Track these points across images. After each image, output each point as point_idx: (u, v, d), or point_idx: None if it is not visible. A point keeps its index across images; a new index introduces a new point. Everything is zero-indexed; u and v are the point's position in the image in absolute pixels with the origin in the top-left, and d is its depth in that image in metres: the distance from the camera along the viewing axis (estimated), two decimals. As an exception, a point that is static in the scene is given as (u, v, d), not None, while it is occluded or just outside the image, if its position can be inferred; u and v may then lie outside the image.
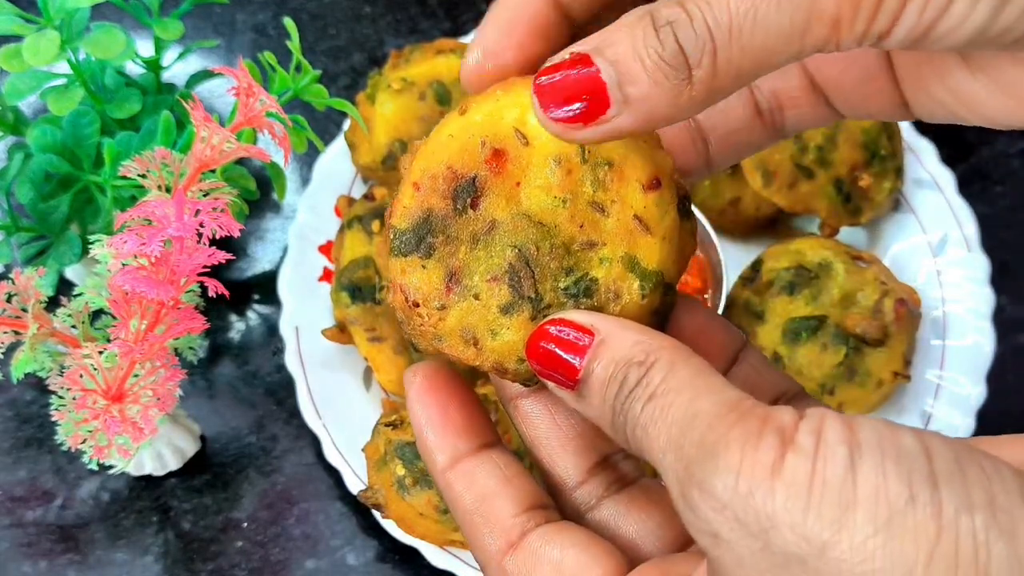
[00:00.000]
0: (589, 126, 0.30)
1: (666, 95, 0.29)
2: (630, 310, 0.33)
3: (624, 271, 0.33)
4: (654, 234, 0.33)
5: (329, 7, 0.93)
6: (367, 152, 0.77)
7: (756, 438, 0.25)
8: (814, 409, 0.26)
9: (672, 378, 0.29)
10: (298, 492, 0.72)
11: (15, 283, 0.55)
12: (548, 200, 0.32)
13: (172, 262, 0.52)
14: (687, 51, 0.28)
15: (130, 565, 0.70)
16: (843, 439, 0.25)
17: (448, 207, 0.33)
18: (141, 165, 0.54)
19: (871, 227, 0.79)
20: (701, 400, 0.27)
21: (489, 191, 0.33)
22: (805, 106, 0.38)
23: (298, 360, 0.73)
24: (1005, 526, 0.24)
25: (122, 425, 0.53)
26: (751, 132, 0.38)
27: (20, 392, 0.75)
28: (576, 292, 0.33)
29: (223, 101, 0.85)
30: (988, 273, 0.75)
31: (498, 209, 0.33)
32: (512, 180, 0.33)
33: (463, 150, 0.33)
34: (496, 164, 0.32)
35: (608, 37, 0.29)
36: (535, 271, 0.33)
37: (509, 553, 0.33)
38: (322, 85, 0.65)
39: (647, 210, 0.33)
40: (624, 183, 0.33)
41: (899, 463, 0.24)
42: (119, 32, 0.62)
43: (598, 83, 0.29)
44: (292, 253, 0.76)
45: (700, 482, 0.26)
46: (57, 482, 0.72)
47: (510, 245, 0.33)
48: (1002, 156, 0.86)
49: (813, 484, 0.24)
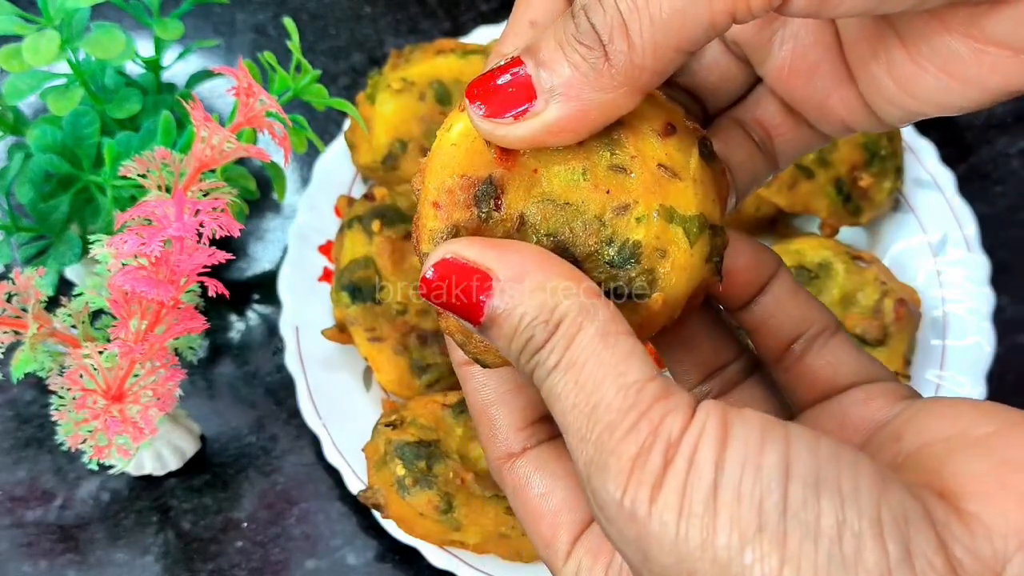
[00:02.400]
0: (519, 120, 0.30)
1: (587, 76, 0.29)
2: (682, 262, 0.31)
3: (664, 224, 0.31)
4: (683, 178, 0.32)
5: (329, 7, 0.93)
6: (367, 152, 0.77)
7: (645, 454, 0.26)
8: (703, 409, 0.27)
9: (576, 348, 0.28)
10: (298, 492, 0.72)
11: (15, 283, 0.55)
12: (568, 177, 0.31)
13: (172, 262, 0.52)
14: (597, 28, 0.29)
15: (130, 565, 0.70)
16: (713, 456, 0.26)
17: (473, 216, 0.31)
18: (141, 165, 0.54)
19: (871, 227, 0.79)
20: (604, 385, 0.28)
21: (508, 187, 0.31)
22: (787, 131, 0.38)
23: (298, 360, 0.73)
24: (849, 556, 0.25)
25: (122, 425, 0.53)
26: (755, 162, 0.39)
27: (20, 392, 0.75)
28: (622, 261, 0.31)
29: (223, 101, 0.85)
30: (988, 273, 0.75)
31: (522, 202, 0.32)
32: (528, 169, 0.32)
33: (470, 155, 0.32)
34: (507, 159, 0.31)
35: (537, 38, 0.30)
36: (576, 252, 0.32)
37: (508, 462, 0.35)
38: (322, 85, 0.65)
39: (669, 156, 0.32)
40: (639, 136, 0.32)
41: (755, 487, 0.25)
42: (119, 32, 0.62)
43: (526, 79, 0.29)
44: (292, 253, 0.76)
45: (594, 490, 0.27)
46: (57, 482, 0.72)
47: (544, 235, 0.32)
48: (1002, 156, 0.86)
49: (682, 509, 0.26)
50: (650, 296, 0.32)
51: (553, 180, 0.31)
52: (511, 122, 0.30)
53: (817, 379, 0.35)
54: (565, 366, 0.28)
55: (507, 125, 0.30)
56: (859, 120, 0.36)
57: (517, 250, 0.30)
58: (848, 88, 0.36)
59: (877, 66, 0.34)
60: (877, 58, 0.34)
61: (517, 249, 0.30)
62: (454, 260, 0.30)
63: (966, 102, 0.32)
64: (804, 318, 0.36)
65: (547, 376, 0.29)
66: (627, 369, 0.28)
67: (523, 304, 0.29)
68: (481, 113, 0.30)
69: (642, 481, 0.26)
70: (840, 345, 0.36)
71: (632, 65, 0.29)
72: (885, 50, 0.33)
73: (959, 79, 0.32)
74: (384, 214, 0.73)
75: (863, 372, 0.35)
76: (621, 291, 0.32)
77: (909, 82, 0.33)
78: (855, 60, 0.35)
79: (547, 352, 0.29)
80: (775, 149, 0.39)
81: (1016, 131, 0.86)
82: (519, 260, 0.29)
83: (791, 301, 0.36)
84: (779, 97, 0.38)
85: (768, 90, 0.38)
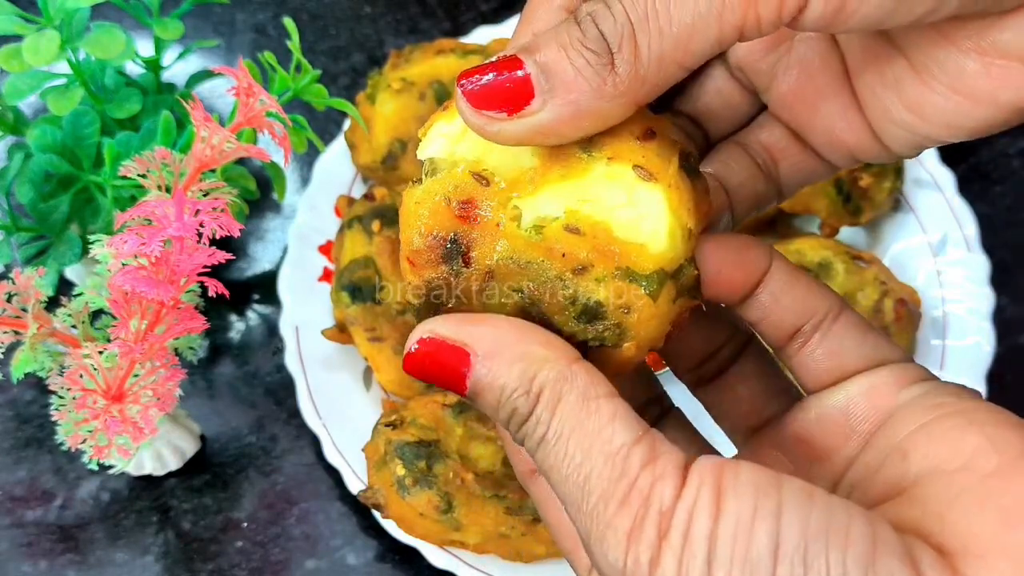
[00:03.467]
0: (512, 118, 0.29)
1: (590, 83, 0.29)
2: (648, 314, 0.32)
3: (624, 283, 0.31)
4: (659, 180, 0.31)
5: (329, 7, 0.93)
6: (367, 152, 0.77)
7: (638, 528, 0.27)
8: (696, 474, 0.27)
9: (560, 418, 0.29)
10: (298, 492, 0.72)
11: (15, 283, 0.55)
12: (524, 237, 0.31)
13: (172, 262, 0.52)
14: (607, 35, 0.29)
15: (130, 565, 0.70)
16: (706, 531, 0.26)
17: (445, 272, 0.32)
18: (141, 165, 0.54)
19: (871, 227, 0.79)
20: (592, 455, 0.28)
21: (474, 243, 0.32)
22: (793, 155, 0.38)
23: (298, 360, 0.73)
24: None
25: (122, 425, 0.53)
26: (757, 184, 0.38)
27: (20, 392, 0.75)
28: (588, 318, 0.32)
29: (223, 101, 0.85)
30: (988, 273, 0.75)
31: (488, 257, 0.32)
32: (491, 223, 0.32)
33: (434, 214, 0.32)
34: (468, 215, 0.32)
35: (536, 39, 0.30)
36: (543, 308, 0.32)
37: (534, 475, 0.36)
38: (322, 85, 0.65)
39: (647, 159, 0.31)
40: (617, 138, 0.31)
41: (745, 567, 0.26)
42: (119, 32, 0.62)
43: (524, 78, 0.29)
44: (292, 253, 0.76)
45: (596, 559, 0.28)
46: (57, 482, 0.72)
47: (512, 290, 0.32)
48: (1002, 156, 0.86)
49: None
50: (622, 346, 0.32)
51: (512, 238, 0.32)
52: (504, 118, 0.29)
53: (821, 368, 0.35)
54: (553, 438, 0.29)
55: (500, 121, 0.30)
56: (866, 148, 0.36)
57: (493, 324, 0.31)
58: (855, 114, 0.35)
59: (884, 90, 0.33)
60: (884, 81, 0.33)
61: (493, 324, 0.31)
62: (433, 339, 0.31)
63: (978, 122, 0.32)
64: (804, 308, 0.35)
65: (537, 448, 0.29)
66: (612, 435, 0.28)
67: (502, 376, 0.30)
68: (472, 107, 0.30)
69: (640, 555, 0.27)
70: (843, 330, 0.35)
71: (636, 76, 0.29)
72: (892, 73, 0.33)
73: (969, 96, 0.31)
74: (384, 214, 0.73)
75: (869, 356, 0.35)
76: (593, 342, 0.32)
77: (918, 103, 0.33)
78: (862, 85, 0.35)
79: (533, 424, 0.29)
80: (780, 176, 0.38)
81: (1016, 131, 0.86)
82: (494, 334, 0.30)
83: (788, 294, 0.35)
84: (786, 123, 0.38)
85: (773, 117, 0.38)
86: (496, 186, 0.32)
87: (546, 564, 0.66)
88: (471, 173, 0.32)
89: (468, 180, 0.32)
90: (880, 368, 0.34)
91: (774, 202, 0.39)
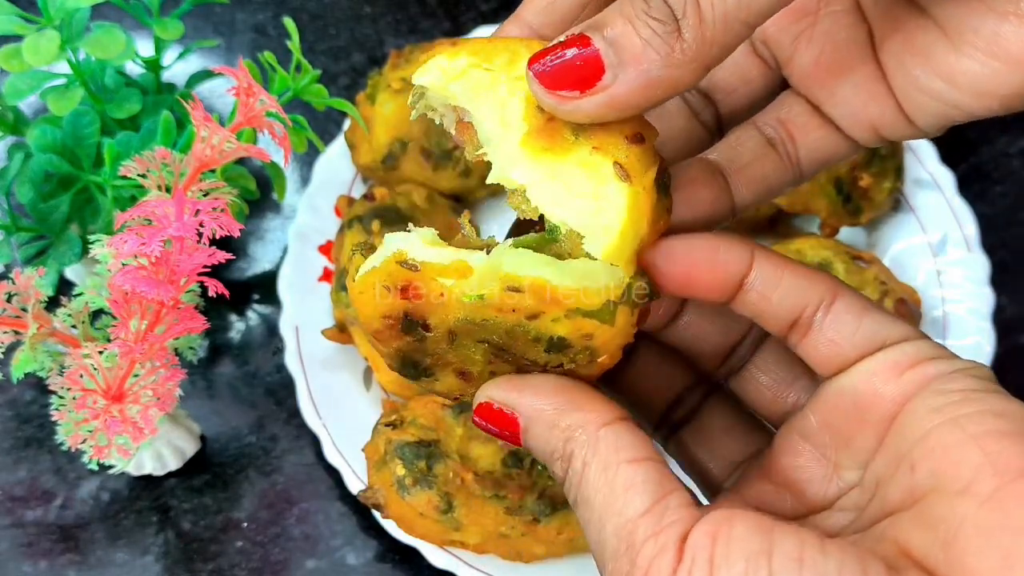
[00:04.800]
0: (585, 95, 0.30)
1: (658, 52, 0.29)
2: (609, 335, 0.32)
3: (578, 319, 0.32)
4: (633, 183, 0.31)
5: (329, 7, 0.93)
6: (367, 152, 0.77)
7: None
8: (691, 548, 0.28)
9: (586, 486, 0.31)
10: (298, 492, 0.72)
11: (15, 283, 0.55)
12: (470, 303, 0.32)
13: (172, 262, 0.52)
14: (670, 3, 0.29)
15: (130, 565, 0.70)
16: None
17: (411, 340, 0.33)
18: (141, 165, 0.54)
19: (871, 227, 0.79)
20: (606, 525, 0.30)
21: (427, 313, 0.32)
22: (813, 132, 0.37)
23: (298, 360, 0.73)
24: None
25: (122, 425, 0.53)
26: (765, 164, 0.38)
27: (20, 392, 0.75)
28: (557, 350, 0.33)
29: (223, 101, 0.85)
30: (988, 273, 0.75)
31: (444, 323, 0.32)
32: (434, 295, 0.32)
33: (379, 300, 0.32)
34: (412, 295, 0.32)
35: (603, 15, 0.30)
36: (513, 350, 0.33)
37: None
38: (322, 85, 0.65)
39: (628, 159, 0.32)
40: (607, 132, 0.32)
41: None
42: (119, 32, 0.62)
43: (593, 55, 0.30)
44: (292, 253, 0.76)
45: None
46: (57, 482, 0.72)
47: (477, 341, 0.33)
48: (1002, 156, 0.86)
49: None
50: (596, 361, 0.33)
51: (462, 307, 0.32)
52: (577, 96, 0.30)
53: (823, 357, 0.35)
54: (581, 502, 0.31)
55: (573, 100, 0.30)
56: (889, 122, 0.35)
57: (535, 389, 0.33)
58: (879, 86, 0.35)
59: (914, 57, 0.33)
60: (914, 49, 0.33)
61: (535, 388, 0.33)
62: (487, 403, 0.34)
63: (1012, 88, 0.32)
64: (797, 299, 0.34)
65: (574, 508, 0.32)
66: (623, 507, 0.30)
67: (542, 441, 0.33)
68: (545, 88, 0.30)
69: None
70: (839, 316, 0.34)
71: (703, 40, 0.29)
72: (923, 40, 0.33)
73: (1007, 60, 0.31)
74: (384, 214, 0.73)
75: (868, 340, 0.34)
76: (569, 364, 0.33)
77: (950, 70, 0.33)
78: (889, 55, 0.35)
79: (568, 487, 0.32)
80: (799, 155, 0.38)
81: (1016, 131, 0.86)
82: (534, 401, 0.33)
83: (776, 288, 0.34)
84: (805, 98, 0.37)
85: (793, 92, 0.38)
86: (428, 270, 0.32)
87: (546, 564, 0.66)
88: (397, 263, 0.32)
89: (397, 270, 0.32)
90: (880, 354, 0.34)
91: (792, 185, 0.39)
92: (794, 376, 0.38)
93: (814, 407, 0.35)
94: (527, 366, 0.34)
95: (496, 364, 0.34)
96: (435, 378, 0.35)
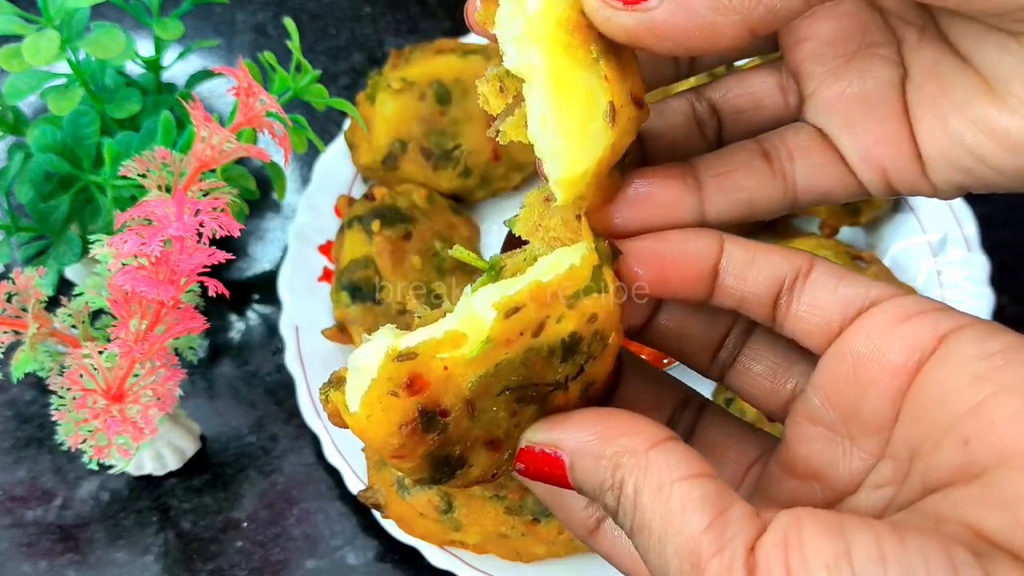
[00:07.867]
0: (627, 8, 0.30)
1: None
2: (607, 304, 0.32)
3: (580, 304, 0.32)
4: (617, 124, 0.32)
5: (329, 7, 0.93)
6: (367, 152, 0.77)
7: None
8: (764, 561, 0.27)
9: (641, 512, 0.30)
10: (298, 492, 0.72)
11: (15, 283, 0.55)
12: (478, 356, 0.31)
13: (172, 262, 0.52)
14: None
15: (130, 565, 0.70)
16: None
17: (435, 436, 0.32)
18: (141, 165, 0.54)
19: (871, 227, 0.79)
20: (666, 549, 0.29)
21: (439, 398, 0.31)
22: (815, 157, 0.37)
23: (298, 360, 0.73)
24: None
25: (122, 425, 0.53)
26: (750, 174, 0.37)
27: (20, 392, 0.75)
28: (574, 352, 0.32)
29: (223, 101, 0.85)
30: (988, 273, 0.75)
31: (460, 395, 0.31)
32: (438, 374, 0.31)
33: (391, 412, 0.31)
34: (419, 387, 0.31)
35: None
36: (533, 380, 0.32)
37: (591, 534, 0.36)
38: (322, 85, 0.65)
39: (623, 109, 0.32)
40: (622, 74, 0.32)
41: None
42: (119, 32, 0.62)
43: None
44: (292, 253, 0.77)
45: None
46: (57, 482, 0.72)
47: (496, 396, 0.32)
48: (1002, 156, 0.86)
49: None
50: (608, 344, 0.33)
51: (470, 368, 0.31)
52: (619, 7, 0.30)
53: (811, 328, 0.34)
54: (637, 530, 0.30)
55: (615, 9, 0.30)
56: (902, 168, 0.35)
57: (578, 423, 0.32)
58: (901, 129, 0.34)
59: (949, 107, 0.33)
60: (950, 99, 0.33)
61: (577, 422, 0.32)
62: (529, 447, 0.33)
63: None
64: (773, 277, 0.34)
65: (631, 537, 0.30)
66: (683, 525, 0.28)
67: (590, 475, 0.31)
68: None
69: None
70: (816, 281, 0.34)
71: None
72: (963, 91, 0.32)
73: None
74: (384, 214, 0.73)
75: (853, 302, 0.33)
76: (587, 364, 0.33)
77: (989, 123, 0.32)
78: (922, 102, 0.34)
79: (621, 517, 0.30)
80: (795, 175, 0.37)
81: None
82: (576, 435, 0.32)
83: (750, 269, 0.34)
84: (818, 129, 0.37)
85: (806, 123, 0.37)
86: (426, 349, 0.31)
87: (546, 564, 0.66)
88: (394, 360, 0.31)
89: (397, 366, 0.31)
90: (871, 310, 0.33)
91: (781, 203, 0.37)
92: (789, 362, 0.37)
93: (815, 386, 0.34)
94: (551, 393, 0.33)
95: (520, 413, 0.33)
96: (469, 465, 0.34)
